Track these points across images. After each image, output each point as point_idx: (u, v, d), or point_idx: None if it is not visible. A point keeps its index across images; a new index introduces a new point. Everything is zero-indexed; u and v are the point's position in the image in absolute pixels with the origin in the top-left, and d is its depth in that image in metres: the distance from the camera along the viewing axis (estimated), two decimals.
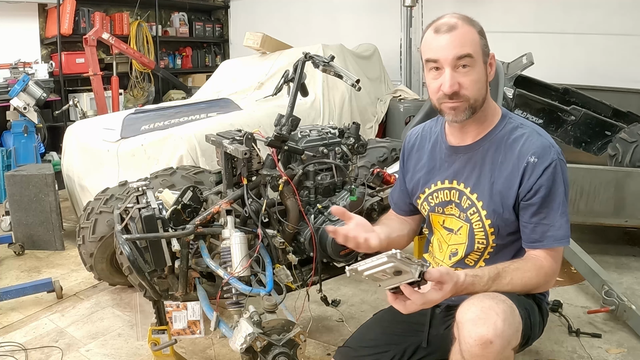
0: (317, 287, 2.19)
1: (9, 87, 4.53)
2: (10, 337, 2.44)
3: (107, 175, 3.27)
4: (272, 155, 2.08)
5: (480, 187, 1.45)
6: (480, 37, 1.39)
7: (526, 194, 1.37)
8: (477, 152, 1.46)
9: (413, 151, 1.65)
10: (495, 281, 1.29)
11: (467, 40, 1.36)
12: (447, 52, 1.35)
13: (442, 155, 1.54)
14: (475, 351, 1.18)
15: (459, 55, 1.34)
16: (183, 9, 7.07)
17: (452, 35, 1.35)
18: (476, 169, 1.46)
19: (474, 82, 1.37)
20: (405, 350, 1.58)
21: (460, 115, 1.39)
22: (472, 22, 1.40)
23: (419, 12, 5.55)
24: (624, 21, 4.62)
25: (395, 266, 1.09)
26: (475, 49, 1.36)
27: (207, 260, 1.91)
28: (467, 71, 1.36)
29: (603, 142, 3.83)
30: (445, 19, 1.40)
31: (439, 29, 1.38)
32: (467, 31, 1.37)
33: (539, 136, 1.41)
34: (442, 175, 1.54)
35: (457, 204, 1.51)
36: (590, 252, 2.70)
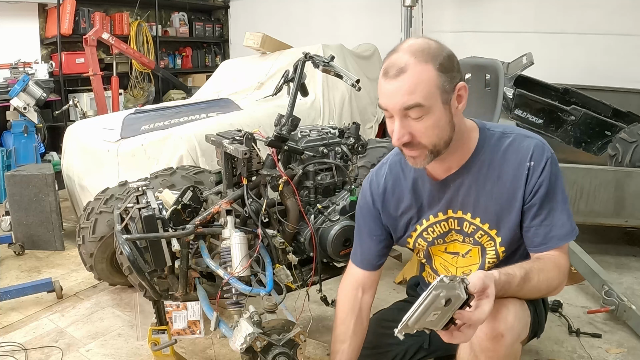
0: (317, 287, 2.19)
1: (9, 87, 4.53)
2: (10, 337, 2.44)
3: (107, 175, 3.27)
4: (272, 155, 2.08)
5: (481, 209, 1.37)
6: (440, 73, 1.21)
7: (528, 196, 1.32)
8: (467, 176, 1.36)
9: (387, 195, 1.49)
10: (526, 284, 1.22)
11: (417, 85, 1.19)
12: (394, 101, 1.21)
13: (427, 191, 1.43)
14: (486, 345, 1.19)
15: (406, 106, 1.20)
16: (183, 9, 7.07)
17: (399, 82, 1.20)
18: (472, 193, 1.37)
19: (430, 129, 1.23)
20: (406, 350, 1.58)
21: (421, 163, 1.29)
22: (430, 56, 1.21)
23: (419, 12, 5.54)
24: (624, 21, 4.62)
25: (446, 295, 0.99)
26: (427, 94, 1.20)
27: (207, 260, 1.91)
28: (420, 118, 1.22)
29: (603, 142, 3.83)
30: (396, 57, 1.23)
31: (387, 72, 1.23)
32: (418, 73, 1.19)
33: (527, 138, 1.35)
34: (434, 210, 1.43)
35: (457, 231, 1.44)
36: (590, 252, 2.70)
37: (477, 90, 3.34)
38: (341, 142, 2.25)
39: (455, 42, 1.32)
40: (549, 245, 1.32)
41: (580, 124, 3.79)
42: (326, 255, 2.13)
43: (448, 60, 1.23)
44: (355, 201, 2.12)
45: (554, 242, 1.32)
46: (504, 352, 1.20)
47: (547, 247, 1.32)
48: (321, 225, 2.09)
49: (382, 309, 1.77)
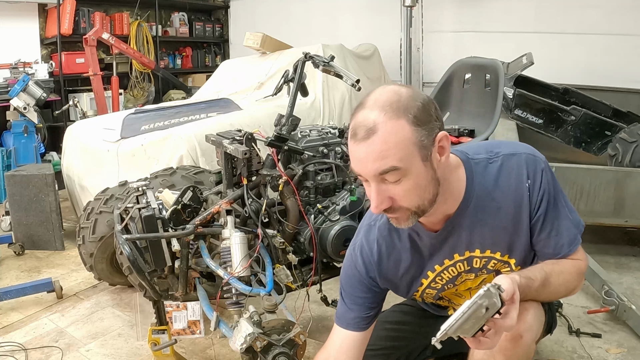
0: (317, 287, 2.19)
1: (9, 87, 4.53)
2: (10, 337, 2.44)
3: (107, 175, 3.27)
4: (272, 155, 2.08)
5: (489, 242, 1.30)
6: (415, 127, 1.08)
7: (533, 212, 1.27)
8: (465, 216, 1.26)
9: (382, 260, 1.36)
10: (545, 288, 1.19)
11: (390, 147, 1.07)
12: (365, 168, 1.10)
13: (427, 244, 1.32)
14: (505, 345, 1.19)
15: (380, 172, 1.09)
16: (183, 9, 7.07)
17: (369, 145, 1.07)
18: (476, 231, 1.28)
19: (410, 192, 1.12)
20: (411, 352, 1.57)
21: (405, 224, 1.19)
22: (401, 109, 1.08)
23: (419, 12, 5.55)
24: (624, 21, 4.62)
25: (487, 304, 0.98)
26: (403, 154, 1.08)
27: (207, 260, 1.91)
28: (397, 182, 1.11)
29: (603, 142, 3.84)
30: (363, 115, 1.09)
31: (355, 134, 1.10)
32: (390, 132, 1.07)
33: (514, 156, 1.26)
34: (439, 259, 1.34)
35: (467, 271, 1.36)
36: (590, 252, 2.70)
37: (477, 90, 3.34)
38: (341, 142, 2.25)
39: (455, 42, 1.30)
40: (561, 254, 1.29)
41: (580, 124, 3.79)
42: (326, 255, 2.13)
43: (423, 110, 1.10)
44: (355, 201, 2.12)
45: (565, 249, 1.28)
46: (522, 351, 1.20)
47: (559, 256, 1.29)
48: (321, 225, 2.09)
49: (384, 310, 1.77)
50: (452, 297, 1.51)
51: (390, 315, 1.71)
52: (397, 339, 1.58)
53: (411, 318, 1.65)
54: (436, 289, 1.40)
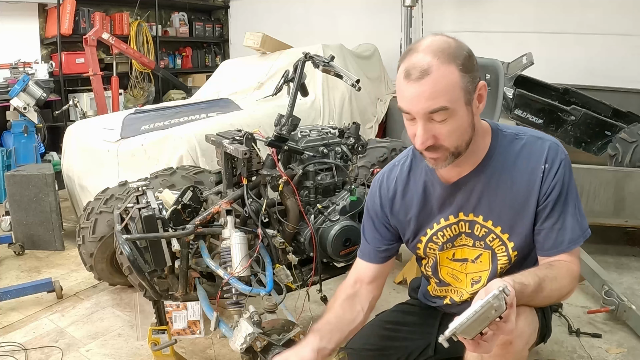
0: (317, 287, 2.19)
1: (9, 87, 4.53)
2: (10, 337, 2.44)
3: (107, 175, 3.27)
4: (272, 155, 2.08)
5: (494, 213, 1.35)
6: (463, 73, 1.18)
7: (542, 198, 1.30)
8: (480, 179, 1.34)
9: (396, 199, 1.46)
10: (538, 293, 1.20)
11: (442, 88, 1.16)
12: (418, 106, 1.18)
13: (438, 194, 1.40)
14: (496, 351, 1.18)
15: (432, 110, 1.17)
16: (183, 9, 7.07)
17: (423, 85, 1.15)
18: (485, 197, 1.34)
19: (453, 132, 1.21)
20: (410, 353, 1.57)
21: (441, 165, 1.27)
22: (451, 56, 1.17)
23: (419, 12, 5.55)
24: (624, 21, 4.62)
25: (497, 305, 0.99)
26: (452, 96, 1.17)
27: (207, 260, 1.91)
28: (443, 120, 1.19)
29: (603, 142, 3.84)
30: (417, 58, 1.17)
31: (409, 74, 1.17)
32: (442, 75, 1.15)
33: (540, 140, 1.33)
34: (445, 213, 1.41)
35: (468, 234, 1.41)
36: (590, 252, 2.70)
37: None
38: (341, 142, 2.25)
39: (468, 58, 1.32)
40: (559, 250, 1.30)
41: (580, 124, 3.79)
42: (326, 255, 2.13)
43: (469, 59, 1.20)
44: (355, 201, 2.13)
45: (565, 246, 1.29)
46: (512, 357, 1.19)
47: (557, 252, 1.30)
48: (321, 225, 2.09)
49: (384, 310, 1.77)
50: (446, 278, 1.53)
51: (391, 316, 1.71)
52: (398, 339, 1.58)
53: (411, 318, 1.65)
54: (437, 245, 1.46)
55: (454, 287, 1.53)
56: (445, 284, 1.55)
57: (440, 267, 1.52)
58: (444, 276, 1.53)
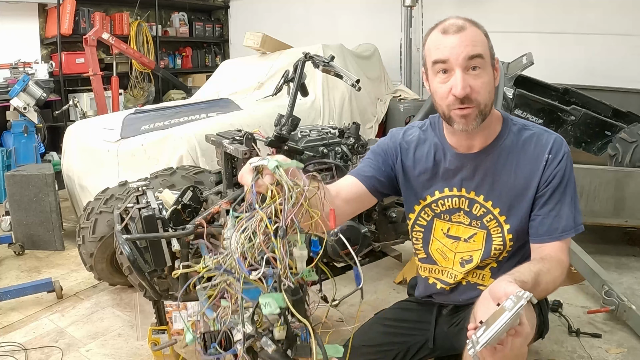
0: (317, 287, 2.19)
1: (9, 87, 4.53)
2: (10, 337, 2.44)
3: (107, 175, 3.27)
4: None
5: (495, 194, 1.41)
6: (487, 39, 1.35)
7: (542, 186, 1.36)
8: (486, 159, 1.40)
9: (411, 149, 1.51)
10: (535, 288, 1.21)
11: (478, 40, 1.31)
12: (458, 52, 1.28)
13: (445, 163, 1.45)
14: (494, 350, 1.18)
15: (471, 55, 1.28)
16: (183, 9, 7.07)
17: (462, 35, 1.30)
18: (488, 177, 1.41)
19: (485, 85, 1.31)
20: (409, 348, 1.58)
21: (471, 124, 1.32)
22: (478, 24, 1.36)
23: (419, 12, 5.55)
24: (624, 21, 4.62)
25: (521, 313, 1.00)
26: (484, 49, 1.32)
27: None
28: (477, 73, 1.29)
29: (603, 142, 3.83)
30: (452, 20, 1.35)
31: (447, 30, 1.32)
32: (475, 32, 1.33)
33: (547, 133, 1.40)
34: (448, 183, 1.46)
35: (466, 212, 1.46)
36: (590, 252, 2.70)
37: None
38: (341, 142, 2.25)
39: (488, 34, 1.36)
40: (552, 237, 1.35)
41: (580, 124, 3.79)
42: (326, 255, 2.13)
43: (487, 32, 1.36)
44: None
45: (558, 233, 1.34)
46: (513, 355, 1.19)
47: (550, 238, 1.35)
48: None
49: (384, 309, 1.77)
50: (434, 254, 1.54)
51: (390, 312, 1.72)
52: (396, 335, 1.59)
53: (410, 315, 1.66)
54: (434, 212, 1.51)
55: (441, 267, 1.55)
56: (432, 262, 1.56)
57: (432, 241, 1.54)
58: (432, 251, 1.55)
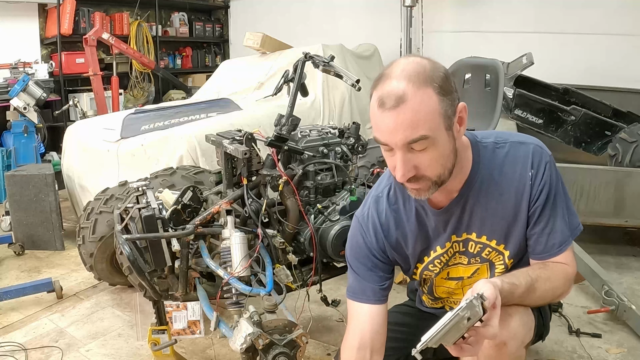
0: (317, 287, 2.19)
1: (9, 87, 4.53)
2: (10, 337, 2.44)
3: (107, 175, 3.27)
4: (272, 155, 2.08)
5: (487, 227, 1.31)
6: (441, 97, 1.10)
7: (532, 203, 1.28)
8: (469, 197, 1.29)
9: (392, 232, 1.38)
10: (530, 294, 1.19)
11: (420, 116, 1.08)
12: (395, 138, 1.10)
13: (432, 223, 1.34)
14: (490, 353, 1.19)
15: (410, 140, 1.10)
16: (183, 9, 7.07)
17: (399, 114, 1.08)
18: (476, 213, 1.30)
19: (434, 161, 1.14)
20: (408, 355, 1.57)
21: (424, 195, 1.20)
22: (428, 79, 1.10)
23: (419, 12, 5.55)
24: (624, 21, 4.62)
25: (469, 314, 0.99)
26: (432, 124, 1.10)
27: (207, 260, 1.91)
28: (424, 151, 1.12)
29: (603, 142, 3.83)
30: (391, 85, 1.10)
31: (383, 103, 1.09)
32: (419, 101, 1.08)
33: (522, 145, 1.29)
34: (441, 240, 1.36)
35: (462, 253, 1.38)
36: (590, 252, 2.70)
37: (477, 90, 3.34)
38: (341, 142, 2.25)
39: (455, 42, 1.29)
40: (550, 254, 1.29)
41: (580, 124, 3.79)
42: (326, 255, 2.13)
43: (446, 80, 1.12)
44: (355, 201, 2.12)
45: (556, 249, 1.28)
46: (507, 358, 1.20)
47: (549, 255, 1.29)
48: (321, 225, 2.09)
49: None
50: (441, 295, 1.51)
51: (390, 317, 1.70)
52: (396, 340, 1.58)
53: (410, 319, 1.65)
54: (434, 272, 1.42)
55: (451, 299, 1.53)
56: (441, 299, 1.55)
57: (436, 288, 1.51)
58: (439, 294, 1.53)
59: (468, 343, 1.04)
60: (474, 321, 1.01)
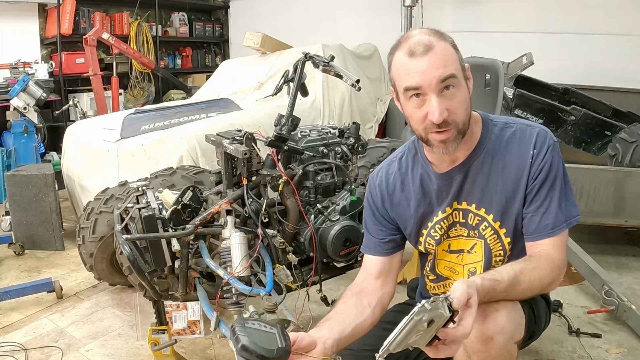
0: (317, 287, 2.19)
1: (9, 87, 4.53)
2: (10, 337, 2.44)
3: (107, 175, 3.27)
4: (272, 155, 2.08)
5: (486, 199, 1.37)
6: (456, 51, 1.27)
7: (530, 182, 1.32)
8: (473, 166, 1.36)
9: (396, 192, 1.48)
10: (515, 287, 1.20)
11: (448, 58, 1.23)
12: (430, 77, 1.20)
13: (435, 186, 1.42)
14: (477, 347, 1.19)
15: (444, 77, 1.21)
16: (183, 9, 7.07)
17: (431, 57, 1.21)
18: (477, 183, 1.37)
19: (461, 104, 1.26)
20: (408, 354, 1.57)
21: (450, 146, 1.28)
22: (444, 36, 1.27)
23: (419, 12, 5.55)
24: (624, 21, 4.62)
25: (429, 317, 0.98)
26: (456, 66, 1.24)
27: (207, 260, 1.91)
28: (452, 93, 1.23)
29: (603, 142, 3.83)
30: (417, 38, 1.24)
31: (413, 52, 1.22)
32: (444, 48, 1.23)
33: (529, 127, 1.36)
34: (442, 205, 1.42)
35: (462, 224, 1.42)
36: (590, 252, 2.70)
37: (477, 90, 3.35)
38: (341, 142, 2.25)
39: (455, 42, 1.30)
40: (542, 234, 1.30)
41: (580, 124, 3.79)
42: (326, 255, 2.13)
43: (454, 42, 1.29)
44: (355, 201, 2.13)
45: (548, 230, 1.30)
46: (496, 353, 1.19)
47: (541, 236, 1.31)
48: (321, 225, 2.09)
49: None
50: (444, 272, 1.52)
51: (389, 316, 1.70)
52: None
53: None
54: (435, 240, 1.47)
55: (452, 281, 1.52)
56: (442, 279, 1.55)
57: (437, 262, 1.53)
58: (441, 270, 1.53)
59: (445, 344, 1.04)
60: (440, 323, 1.00)
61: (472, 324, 1.04)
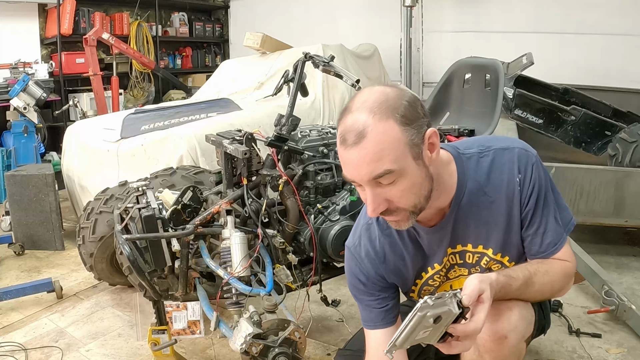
0: (317, 287, 2.19)
1: (9, 87, 4.53)
2: (10, 337, 2.44)
3: (107, 175, 3.27)
4: (272, 155, 2.08)
5: (482, 237, 1.30)
6: (404, 127, 1.07)
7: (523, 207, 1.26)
8: (460, 210, 1.27)
9: (388, 257, 1.35)
10: (529, 287, 1.18)
11: (383, 149, 1.05)
12: (361, 173, 1.08)
13: (426, 242, 1.32)
14: (490, 346, 1.19)
15: (375, 176, 1.07)
16: (183, 9, 7.07)
17: (361, 149, 1.05)
18: (469, 225, 1.28)
19: (406, 192, 1.11)
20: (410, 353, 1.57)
21: (405, 225, 1.18)
22: (389, 110, 1.07)
23: (419, 12, 5.56)
24: (624, 21, 4.62)
25: (434, 313, 0.96)
26: (396, 156, 1.07)
27: (207, 260, 1.91)
28: (393, 184, 1.10)
29: (603, 142, 3.84)
30: (351, 119, 1.07)
31: (345, 140, 1.07)
32: (381, 134, 1.05)
33: (507, 150, 1.26)
34: (438, 256, 1.34)
35: (460, 264, 1.36)
36: (590, 252, 2.70)
37: (477, 90, 3.34)
38: None
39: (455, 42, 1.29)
40: (547, 253, 1.28)
41: (580, 124, 3.79)
42: (326, 255, 2.13)
43: (410, 108, 1.09)
44: (355, 201, 2.12)
45: (551, 248, 1.28)
46: (508, 352, 1.20)
47: (545, 255, 1.28)
48: (321, 225, 2.09)
49: None
50: None
51: None
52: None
53: None
54: (433, 287, 1.41)
55: None
56: None
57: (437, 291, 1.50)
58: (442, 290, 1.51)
59: (457, 340, 1.03)
60: (449, 320, 0.99)
61: (484, 320, 1.02)
